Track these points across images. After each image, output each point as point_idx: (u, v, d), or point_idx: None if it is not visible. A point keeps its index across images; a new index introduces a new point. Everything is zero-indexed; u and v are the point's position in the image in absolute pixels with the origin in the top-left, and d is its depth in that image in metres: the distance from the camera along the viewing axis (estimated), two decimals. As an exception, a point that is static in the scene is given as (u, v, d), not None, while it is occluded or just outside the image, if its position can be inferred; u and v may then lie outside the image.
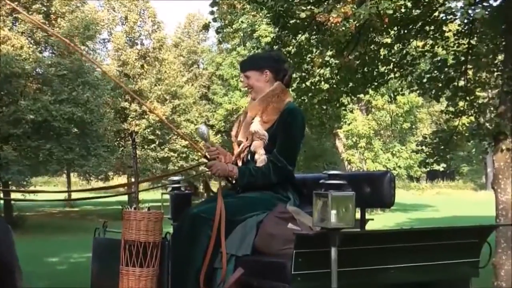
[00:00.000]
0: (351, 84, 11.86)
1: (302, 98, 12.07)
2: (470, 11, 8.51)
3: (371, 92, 13.42)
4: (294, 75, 11.94)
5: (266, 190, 3.94)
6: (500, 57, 10.81)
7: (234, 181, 3.99)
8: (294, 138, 4.00)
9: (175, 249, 3.71)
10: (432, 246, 3.61)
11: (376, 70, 11.71)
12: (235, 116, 29.88)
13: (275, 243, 3.55)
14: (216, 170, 3.87)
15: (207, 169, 3.99)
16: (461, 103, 12.22)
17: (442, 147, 12.97)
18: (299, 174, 4.45)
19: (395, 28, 11.25)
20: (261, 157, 3.96)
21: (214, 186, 4.12)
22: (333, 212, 3.08)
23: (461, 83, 11.92)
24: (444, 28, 11.56)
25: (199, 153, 4.06)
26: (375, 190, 3.89)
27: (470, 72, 11.94)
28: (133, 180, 30.76)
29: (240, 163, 4.08)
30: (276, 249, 3.53)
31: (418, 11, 10.78)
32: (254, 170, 3.94)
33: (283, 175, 3.95)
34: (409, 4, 10.48)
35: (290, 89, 4.40)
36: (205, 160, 4.03)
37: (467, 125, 13.60)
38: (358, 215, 3.69)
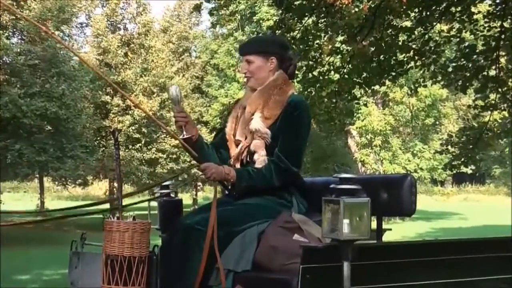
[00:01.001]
0: (365, 74, 11.87)
1: (309, 90, 12.10)
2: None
3: (388, 83, 13.42)
4: (299, 64, 11.96)
5: (268, 195, 3.94)
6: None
7: (230, 186, 3.98)
8: (299, 135, 3.98)
9: (165, 265, 3.71)
10: (459, 260, 3.61)
11: (394, 58, 11.73)
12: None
13: (279, 257, 3.55)
14: (210, 173, 3.85)
15: (200, 172, 3.98)
16: (492, 96, 12.23)
17: (471, 146, 12.99)
18: (306, 177, 4.45)
19: (416, 10, 11.25)
20: (260, 158, 3.95)
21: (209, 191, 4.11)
22: (346, 221, 3.08)
23: (492, 72, 11.93)
24: (473, 9, 11.57)
25: (191, 155, 4.04)
26: (393, 196, 3.89)
27: (502, 60, 11.95)
28: (115, 184, 30.75)
29: (238, 165, 4.06)
30: (280, 263, 3.53)
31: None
32: (253, 172, 3.92)
33: (287, 178, 3.94)
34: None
35: (294, 80, 4.40)
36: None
37: (499, 121, 13.62)
38: (374, 225, 3.69)
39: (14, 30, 25.20)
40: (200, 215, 3.80)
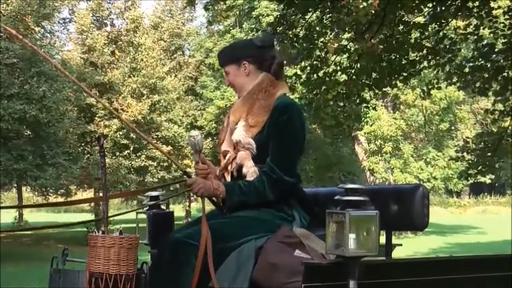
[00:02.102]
0: (374, 74, 11.87)
1: (314, 92, 12.10)
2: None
3: (399, 84, 13.43)
4: (303, 64, 11.98)
5: (266, 207, 3.94)
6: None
7: (221, 202, 3.97)
8: (291, 142, 3.97)
9: (154, 283, 3.71)
10: (477, 279, 3.61)
11: (406, 57, 11.74)
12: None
13: (279, 275, 3.55)
14: (198, 189, 3.86)
15: (187, 188, 3.97)
16: (512, 99, 12.23)
17: (489, 153, 12.99)
18: (309, 187, 4.45)
19: (430, 5, 11.27)
20: (250, 170, 3.95)
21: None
22: (352, 236, 3.08)
23: (513, 73, 11.93)
24: (492, 4, 11.59)
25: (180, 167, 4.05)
26: (404, 208, 3.90)
27: (524, 59, 11.96)
28: (101, 195, 30.68)
29: (228, 178, 4.07)
30: (280, 282, 3.52)
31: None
32: (244, 185, 3.92)
33: (281, 190, 3.93)
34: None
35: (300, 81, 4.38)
36: (186, 177, 3.99)
37: (520, 126, 13.61)
38: (382, 240, 3.69)
39: (-10, 26, 25.19)
40: (192, 228, 3.80)
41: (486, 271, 3.67)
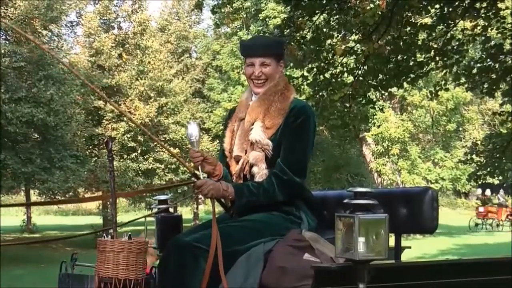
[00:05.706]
0: (381, 76, 11.86)
1: (321, 93, 12.09)
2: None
3: (406, 86, 13.42)
4: (310, 66, 11.97)
5: (274, 210, 3.94)
6: None
7: (230, 203, 3.95)
8: (304, 144, 3.98)
9: (162, 286, 3.70)
10: (486, 282, 3.59)
11: (413, 58, 11.72)
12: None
13: (288, 279, 3.54)
14: (208, 190, 3.84)
15: (196, 190, 3.96)
16: (521, 100, 12.20)
17: (497, 155, 12.95)
18: (317, 189, 4.44)
19: (437, 6, 11.25)
20: (261, 172, 3.94)
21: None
22: (361, 239, 3.07)
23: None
24: (500, 4, 11.56)
25: (189, 168, 4.04)
26: (413, 211, 3.89)
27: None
28: (110, 199, 30.64)
29: (240, 181, 4.04)
30: (289, 285, 3.52)
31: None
32: (253, 187, 3.92)
33: (291, 191, 3.93)
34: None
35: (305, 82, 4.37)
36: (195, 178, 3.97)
37: (529, 127, 13.57)
38: (392, 242, 3.68)
39: (-2, 29, 25.25)
40: (200, 232, 3.79)
41: (494, 274, 3.65)
